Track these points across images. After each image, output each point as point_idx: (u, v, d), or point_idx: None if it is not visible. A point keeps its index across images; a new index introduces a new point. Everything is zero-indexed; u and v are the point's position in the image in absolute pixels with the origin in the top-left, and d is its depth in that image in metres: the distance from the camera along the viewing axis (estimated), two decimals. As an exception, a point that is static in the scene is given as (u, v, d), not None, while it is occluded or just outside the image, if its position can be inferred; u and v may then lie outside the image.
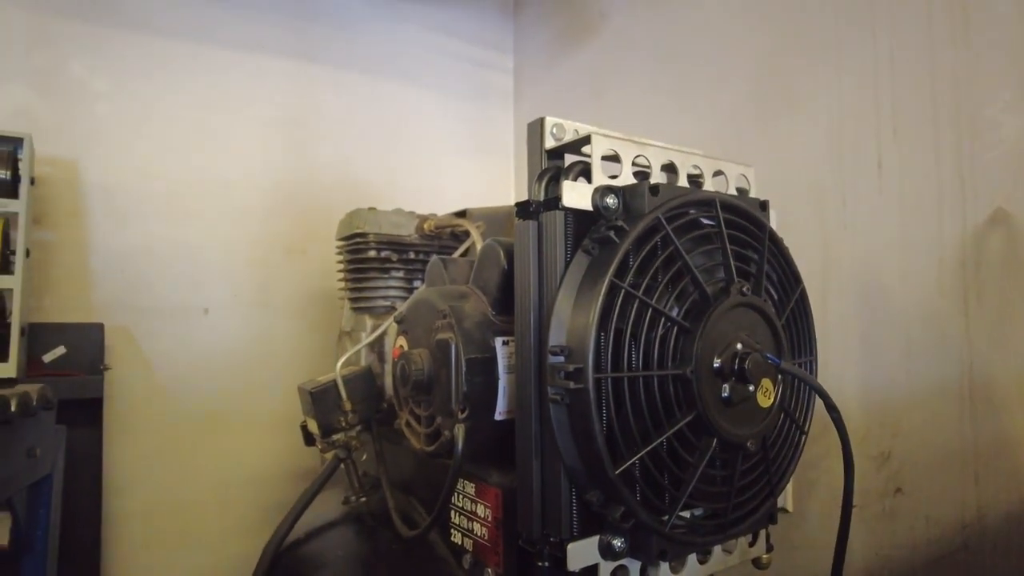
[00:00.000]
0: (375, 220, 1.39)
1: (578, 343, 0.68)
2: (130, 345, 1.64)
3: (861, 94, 1.28)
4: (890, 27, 1.24)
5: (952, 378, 1.14)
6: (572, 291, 0.71)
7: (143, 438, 1.65)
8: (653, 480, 0.72)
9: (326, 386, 1.14)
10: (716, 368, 0.74)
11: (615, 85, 1.93)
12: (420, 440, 0.95)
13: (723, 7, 1.58)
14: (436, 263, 1.05)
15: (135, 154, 1.69)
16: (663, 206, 0.74)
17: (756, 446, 0.78)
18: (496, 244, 0.91)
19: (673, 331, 0.72)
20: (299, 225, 1.91)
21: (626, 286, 0.68)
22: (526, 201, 0.76)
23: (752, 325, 0.79)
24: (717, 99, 1.59)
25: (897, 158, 1.22)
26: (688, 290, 0.75)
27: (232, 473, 1.77)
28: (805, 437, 0.90)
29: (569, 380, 0.66)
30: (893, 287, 1.23)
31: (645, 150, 0.80)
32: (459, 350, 0.84)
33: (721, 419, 0.74)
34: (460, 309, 0.88)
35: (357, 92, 2.06)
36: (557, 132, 0.81)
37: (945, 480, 1.14)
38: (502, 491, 0.87)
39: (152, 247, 1.69)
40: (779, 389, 0.81)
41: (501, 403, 0.86)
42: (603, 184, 0.74)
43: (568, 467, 0.71)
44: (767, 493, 0.84)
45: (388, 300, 1.40)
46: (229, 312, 1.78)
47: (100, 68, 1.66)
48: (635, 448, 0.69)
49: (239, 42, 1.86)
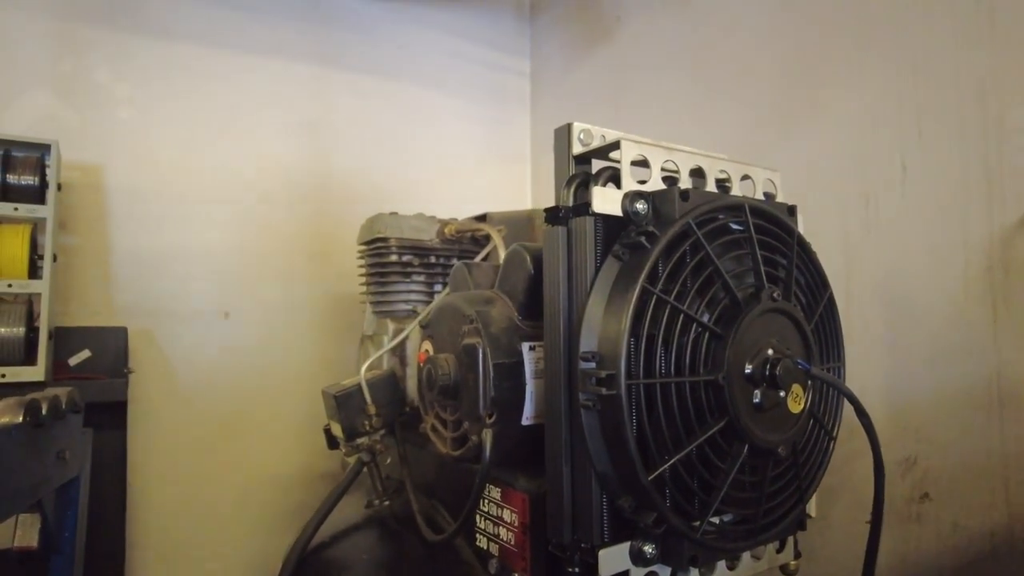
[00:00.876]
0: (396, 224, 1.40)
1: (610, 349, 0.68)
2: (152, 348, 1.66)
3: (885, 96, 1.27)
4: (915, 29, 1.23)
5: (980, 383, 1.13)
6: (603, 297, 0.71)
7: (164, 440, 1.67)
8: (684, 486, 0.72)
9: (350, 390, 1.15)
10: (747, 374, 0.74)
11: (633, 89, 1.93)
12: (446, 444, 0.95)
13: (744, 11, 1.58)
14: (460, 268, 1.05)
15: (157, 159, 1.71)
16: (693, 211, 0.74)
17: (787, 452, 0.78)
18: (522, 249, 0.91)
19: (705, 337, 0.72)
20: (318, 229, 1.92)
21: (658, 292, 0.68)
22: (555, 207, 0.76)
23: (782, 331, 0.79)
24: (738, 102, 1.59)
25: (922, 161, 1.21)
26: (718, 296, 0.75)
27: (252, 475, 1.79)
28: (834, 443, 0.90)
29: (601, 386, 0.66)
30: (918, 291, 1.22)
31: (673, 155, 0.80)
32: (486, 355, 0.85)
33: (752, 425, 0.73)
34: (487, 314, 0.89)
35: (374, 96, 2.07)
36: (585, 138, 0.81)
37: (973, 486, 1.12)
38: (529, 496, 0.87)
39: (174, 251, 1.71)
40: (809, 395, 0.81)
41: (528, 408, 0.86)
42: (633, 189, 0.74)
43: (599, 473, 0.71)
44: (796, 499, 0.84)
45: (410, 304, 1.41)
46: (249, 316, 1.80)
47: (124, 74, 1.68)
48: (667, 454, 0.69)
49: (258, 47, 1.87)
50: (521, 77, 2.37)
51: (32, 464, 0.99)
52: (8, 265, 1.34)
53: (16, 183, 1.39)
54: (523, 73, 2.37)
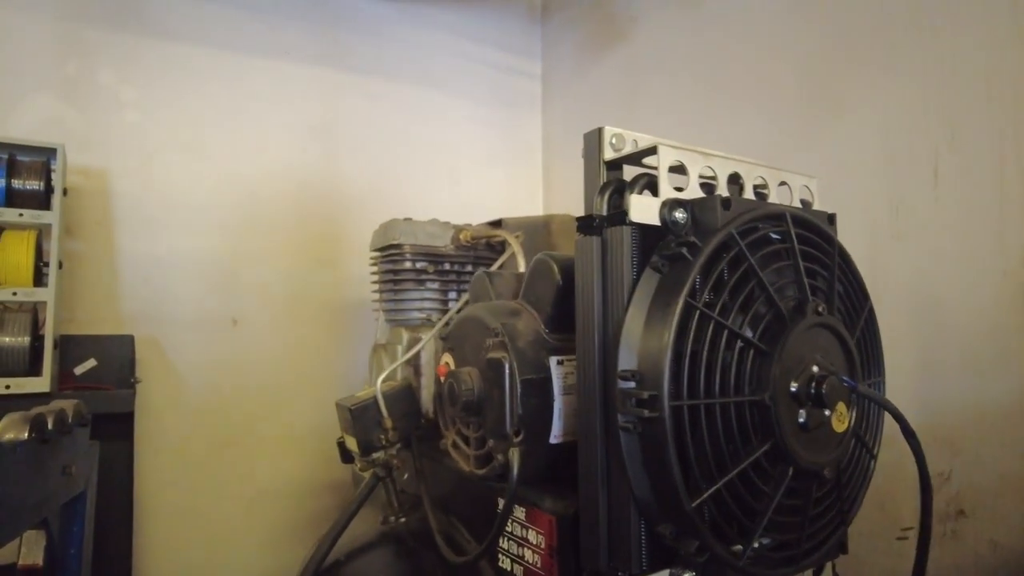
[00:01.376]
0: (411, 230, 1.36)
1: (651, 368, 0.64)
2: (159, 357, 1.63)
3: (914, 99, 1.23)
4: (944, 27, 1.19)
5: (1018, 395, 1.09)
6: (642, 311, 0.67)
7: (171, 451, 1.63)
8: (727, 511, 0.68)
9: (366, 403, 1.11)
10: (793, 392, 0.70)
11: (648, 91, 1.89)
12: (469, 462, 0.91)
13: (764, 11, 1.54)
14: (481, 277, 1.01)
15: (164, 163, 1.67)
16: (735, 221, 0.70)
17: (832, 474, 0.74)
18: (549, 259, 0.87)
19: (749, 354, 0.68)
20: (326, 233, 1.89)
21: (701, 306, 0.65)
22: (588, 216, 0.72)
23: (826, 346, 0.75)
24: (758, 106, 1.55)
25: (955, 166, 1.17)
26: (761, 310, 0.71)
27: (260, 486, 1.75)
28: (874, 462, 0.86)
29: (643, 408, 0.63)
30: (951, 300, 1.18)
31: (711, 160, 0.76)
32: (513, 370, 0.81)
33: (798, 446, 0.70)
34: (512, 327, 0.85)
35: (382, 98, 2.03)
36: (616, 142, 0.77)
37: (1012, 503, 1.08)
38: (556, 518, 0.83)
39: (180, 257, 1.67)
40: (853, 413, 0.77)
41: (557, 426, 0.83)
42: (671, 197, 0.71)
43: (638, 498, 0.67)
44: (838, 522, 0.80)
45: (424, 312, 1.37)
46: (257, 323, 1.76)
47: (129, 76, 1.64)
48: (711, 479, 0.65)
49: (266, 49, 1.84)
50: (532, 79, 2.33)
51: (38, 481, 0.95)
52: (13, 273, 1.30)
53: (21, 188, 1.36)
54: (534, 75, 2.34)
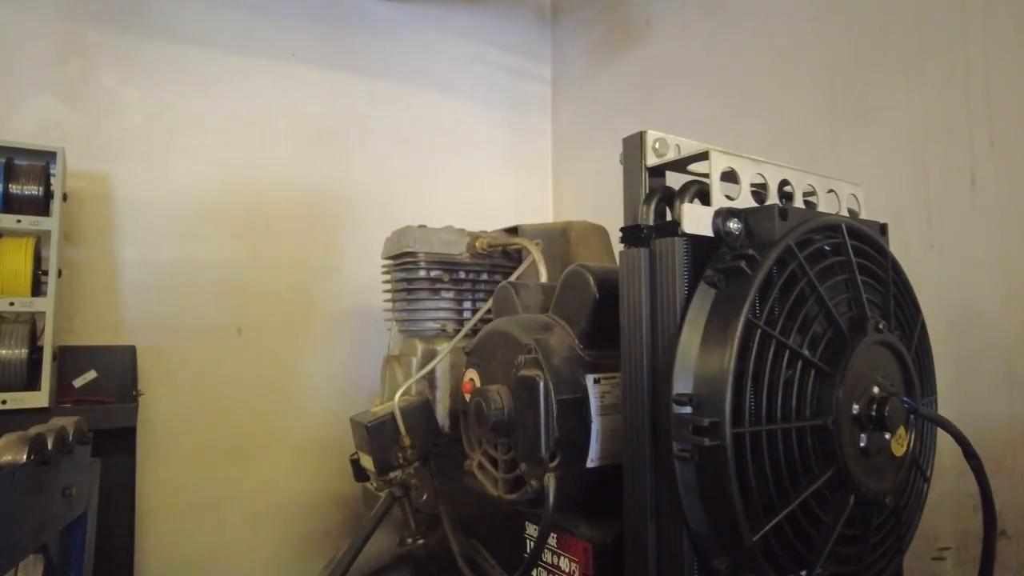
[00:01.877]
0: (425, 238, 1.31)
1: (710, 392, 0.59)
2: (161, 367, 1.57)
3: (950, 102, 1.19)
4: (983, 26, 1.15)
5: (1064, 412, 1.04)
6: (697, 329, 0.62)
7: (173, 465, 1.58)
8: (786, 544, 0.63)
9: (383, 419, 1.06)
10: (854, 415, 0.65)
11: (664, 95, 1.85)
12: (497, 486, 0.86)
13: (788, 15, 1.50)
14: (506, 288, 0.96)
15: (167, 167, 1.62)
16: (793, 232, 0.65)
17: (893, 501, 0.69)
18: (584, 270, 0.82)
19: (810, 375, 0.63)
20: (333, 240, 1.84)
21: (762, 325, 0.60)
22: (636, 226, 0.67)
23: (885, 364, 0.71)
24: (781, 111, 1.51)
25: (995, 172, 1.13)
26: (819, 328, 0.66)
27: (266, 501, 1.69)
28: (927, 486, 0.82)
29: (702, 436, 0.58)
30: (990, 312, 1.14)
31: (762, 168, 0.72)
32: (548, 389, 0.76)
33: (860, 473, 0.65)
34: (546, 343, 0.80)
35: (392, 102, 1.98)
36: (660, 147, 0.72)
37: (1058, 524, 1.04)
38: (593, 546, 0.78)
39: (184, 264, 1.62)
40: (911, 436, 0.72)
41: (594, 449, 0.78)
42: (725, 207, 0.66)
43: (692, 531, 0.62)
44: (895, 550, 0.75)
45: (438, 322, 1.32)
46: (263, 332, 1.71)
47: (132, 78, 1.59)
48: (771, 510, 0.60)
49: (271, 51, 1.79)
50: (541, 83, 2.29)
51: (37, 506, 0.90)
52: (11, 282, 1.25)
53: (19, 193, 1.30)
54: (543, 79, 2.29)
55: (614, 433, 0.79)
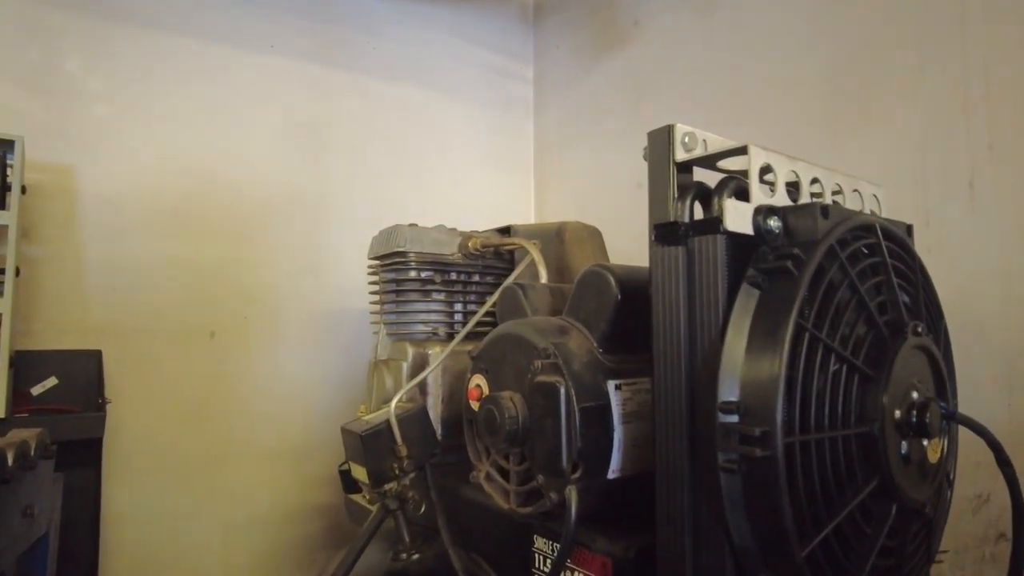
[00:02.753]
0: (416, 237, 1.25)
1: (759, 399, 0.55)
2: (130, 373, 1.47)
3: (948, 106, 1.19)
4: (983, 29, 1.15)
5: (1064, 415, 1.05)
6: (742, 333, 0.58)
7: (142, 476, 1.48)
8: (832, 558, 0.60)
9: (378, 428, 1.00)
10: (896, 422, 0.63)
11: (652, 97, 1.83)
12: (508, 499, 0.81)
13: (784, 14, 1.49)
14: (513, 290, 0.92)
15: (137, 160, 1.52)
16: (834, 231, 0.62)
17: (932, 510, 0.67)
18: (604, 271, 0.78)
19: (854, 381, 0.60)
20: (312, 240, 1.76)
21: (811, 328, 0.57)
22: (671, 223, 0.64)
23: (920, 369, 0.68)
24: (775, 114, 1.50)
25: (994, 176, 1.13)
26: (859, 331, 0.63)
27: (239, 512, 1.61)
28: (951, 491, 0.80)
29: (752, 446, 0.54)
30: (990, 316, 1.14)
31: (796, 165, 0.69)
32: (570, 397, 0.72)
33: (903, 482, 0.62)
34: (565, 347, 0.76)
35: (376, 98, 1.92)
36: (689, 142, 0.69)
37: (1060, 528, 1.04)
38: (612, 561, 0.74)
39: (155, 264, 1.52)
40: (945, 441, 0.70)
41: (616, 460, 0.74)
42: (765, 204, 0.63)
43: (737, 547, 0.58)
44: (925, 559, 0.73)
45: (429, 325, 1.27)
46: (238, 335, 1.62)
47: (99, 65, 1.49)
48: (818, 523, 0.57)
49: (251, 42, 1.71)
50: (524, 83, 2.25)
51: (-2, 528, 0.81)
52: (-36, 281, 1.15)
53: (-27, 185, 1.20)
54: (526, 79, 2.25)
55: (637, 442, 0.75)
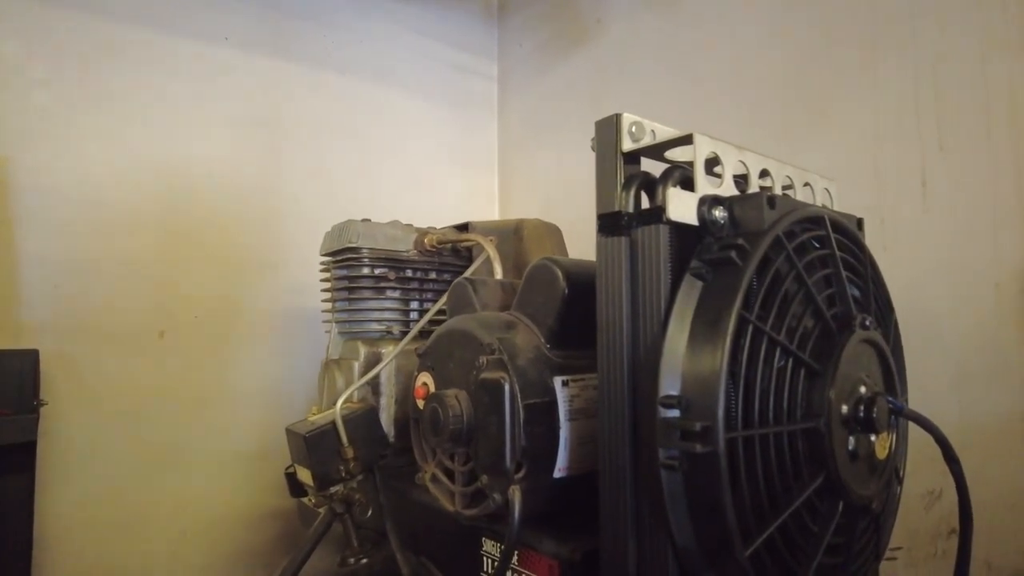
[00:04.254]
0: (370, 233, 1.22)
1: (701, 394, 0.54)
2: (71, 374, 1.40)
3: (901, 106, 1.20)
4: (934, 33, 1.16)
5: (1013, 411, 1.06)
6: (684, 326, 0.57)
7: (83, 482, 1.41)
8: (778, 557, 0.58)
9: (323, 429, 0.96)
10: (843, 417, 0.61)
11: (614, 96, 1.82)
12: (454, 500, 0.78)
13: (742, 14, 1.49)
14: (463, 285, 0.89)
15: (79, 153, 1.45)
16: (781, 222, 0.61)
17: (879, 506, 0.66)
18: (552, 264, 0.76)
19: (800, 375, 0.59)
20: (268, 237, 1.71)
21: (755, 320, 0.55)
22: (615, 212, 0.62)
23: (868, 363, 0.67)
24: (734, 113, 1.50)
25: (945, 175, 1.14)
26: (806, 324, 0.62)
27: (188, 518, 1.55)
28: (901, 488, 0.79)
29: (693, 441, 0.52)
30: (941, 313, 1.15)
31: (744, 155, 0.68)
32: (515, 393, 0.69)
33: (850, 478, 0.61)
34: (511, 342, 0.73)
35: (331, 91, 1.87)
36: (636, 132, 0.67)
37: (1008, 522, 1.05)
38: (560, 563, 0.72)
39: (99, 260, 1.46)
40: (893, 437, 0.70)
41: (562, 458, 0.71)
42: (709, 194, 0.61)
43: (679, 546, 0.56)
44: (873, 557, 0.72)
45: (383, 324, 1.23)
46: (189, 335, 1.56)
47: (38, 51, 1.43)
48: (762, 521, 0.55)
49: (204, 33, 1.65)
50: (488, 80, 2.22)
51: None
52: None
53: None
54: (490, 76, 2.23)
55: (583, 440, 0.73)
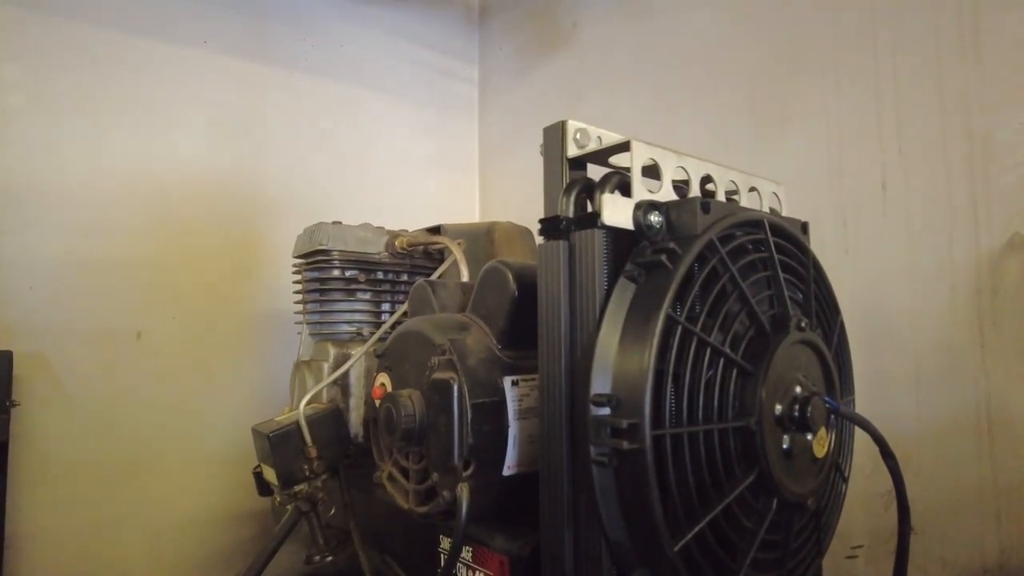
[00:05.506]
0: (340, 235, 1.24)
1: (630, 392, 0.55)
2: (45, 375, 1.41)
3: (862, 112, 1.23)
4: (892, 43, 1.19)
5: (968, 411, 1.08)
6: (616, 326, 0.58)
7: (57, 484, 1.42)
8: (709, 552, 0.60)
9: (287, 429, 0.98)
10: (776, 416, 0.63)
11: (590, 99, 1.84)
12: (408, 498, 0.80)
13: (711, 21, 1.52)
14: (422, 287, 0.91)
15: (55, 154, 1.47)
16: (715, 226, 0.63)
17: (815, 504, 0.68)
18: (502, 266, 0.78)
19: (732, 375, 0.61)
20: (245, 239, 1.72)
21: (683, 321, 0.57)
22: (555, 216, 0.63)
23: (807, 364, 0.69)
24: (704, 116, 1.52)
25: (903, 179, 1.17)
26: (740, 326, 0.64)
27: (164, 519, 1.55)
28: (846, 486, 0.81)
29: (621, 439, 0.54)
30: (899, 314, 1.17)
31: (685, 161, 0.70)
32: (463, 393, 0.71)
33: (783, 476, 0.63)
34: (461, 343, 0.75)
35: (310, 96, 1.89)
36: (581, 138, 0.69)
37: (962, 520, 1.07)
38: (510, 559, 0.74)
39: (74, 261, 1.47)
40: (832, 436, 0.71)
41: (511, 456, 0.73)
42: (646, 199, 0.63)
43: (612, 541, 0.58)
44: (815, 554, 0.74)
45: (353, 325, 1.25)
46: (165, 336, 1.57)
47: (13, 53, 1.44)
48: (693, 517, 0.57)
49: (181, 37, 1.66)
50: (469, 83, 2.24)
51: None
52: None
53: None
54: (471, 80, 2.25)
55: (532, 438, 0.74)
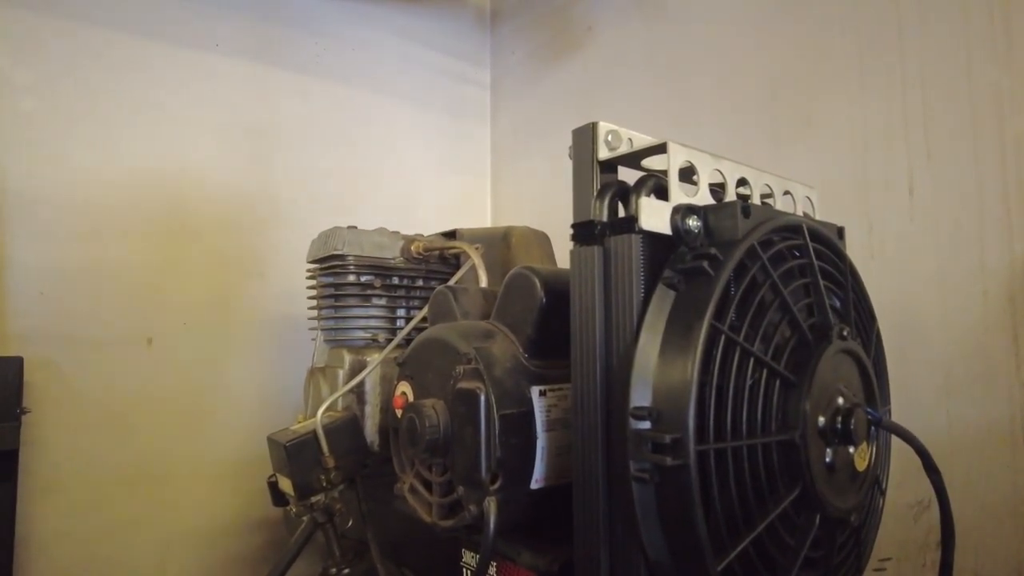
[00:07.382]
0: (356, 240, 1.22)
1: (672, 405, 0.53)
2: (57, 382, 1.40)
3: (888, 115, 1.20)
4: (919, 44, 1.16)
5: (1001, 421, 1.05)
6: (656, 336, 0.56)
7: (68, 492, 1.40)
8: (751, 570, 0.57)
9: (304, 438, 0.96)
10: (820, 429, 0.61)
11: (605, 102, 1.82)
12: (431, 512, 0.77)
13: (730, 23, 1.49)
14: (444, 293, 0.88)
15: (67, 160, 1.45)
16: (756, 231, 0.60)
17: (858, 519, 0.65)
18: (529, 272, 0.76)
19: (775, 386, 0.58)
20: (258, 244, 1.71)
21: (727, 331, 0.54)
22: (589, 221, 0.61)
23: (847, 374, 0.67)
24: (723, 120, 1.49)
25: (932, 183, 1.14)
26: (782, 335, 0.61)
27: (174, 527, 1.53)
28: (883, 499, 0.79)
29: (664, 454, 0.51)
30: (929, 322, 1.14)
31: (721, 164, 0.67)
32: (490, 404, 0.68)
33: (826, 490, 0.60)
34: (488, 352, 0.72)
35: (323, 100, 1.88)
36: (612, 140, 0.67)
37: (996, 532, 1.04)
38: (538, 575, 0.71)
39: (86, 268, 1.45)
40: (873, 449, 0.69)
41: (539, 469, 0.71)
42: (683, 203, 0.61)
43: (650, 559, 0.56)
44: (855, 570, 0.71)
45: (369, 332, 1.23)
46: (177, 342, 1.55)
47: (26, 59, 1.43)
48: (736, 534, 0.55)
49: (193, 41, 1.65)
50: (480, 88, 2.22)
51: None
52: None
53: None
54: (483, 83, 2.23)
55: (560, 451, 0.72)
